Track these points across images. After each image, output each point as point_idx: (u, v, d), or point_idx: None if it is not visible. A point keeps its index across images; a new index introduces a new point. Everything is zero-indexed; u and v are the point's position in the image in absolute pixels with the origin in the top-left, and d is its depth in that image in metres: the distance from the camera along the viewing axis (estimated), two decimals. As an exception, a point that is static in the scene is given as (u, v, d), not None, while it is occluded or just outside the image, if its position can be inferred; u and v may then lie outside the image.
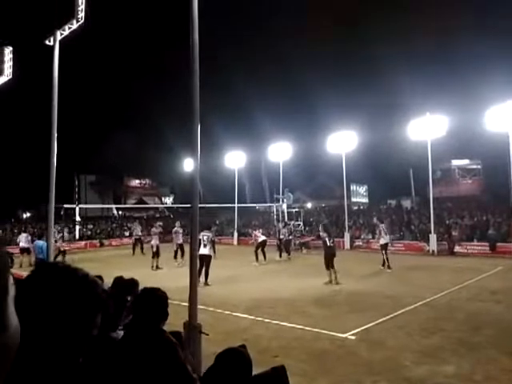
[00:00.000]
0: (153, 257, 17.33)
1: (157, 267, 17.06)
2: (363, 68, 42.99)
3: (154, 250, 17.43)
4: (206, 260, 12.41)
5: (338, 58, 44.37)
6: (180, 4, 6.49)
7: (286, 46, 46.03)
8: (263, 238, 19.51)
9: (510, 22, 30.61)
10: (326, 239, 12.92)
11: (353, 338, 7.36)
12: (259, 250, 18.73)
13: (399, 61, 34.44)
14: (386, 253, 15.69)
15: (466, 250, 20.91)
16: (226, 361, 2.08)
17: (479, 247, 20.69)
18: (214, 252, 12.70)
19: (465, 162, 38.60)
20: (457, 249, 21.17)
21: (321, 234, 13.35)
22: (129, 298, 4.32)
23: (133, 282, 4.82)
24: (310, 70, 44.72)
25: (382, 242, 15.98)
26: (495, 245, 20.08)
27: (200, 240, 12.17)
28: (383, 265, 15.58)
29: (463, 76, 31.78)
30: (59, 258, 19.00)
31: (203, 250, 12.34)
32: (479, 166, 37.82)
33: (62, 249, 20.49)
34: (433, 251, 21.38)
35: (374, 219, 18.64)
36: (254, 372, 2.11)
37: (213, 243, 12.56)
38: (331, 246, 12.88)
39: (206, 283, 12.41)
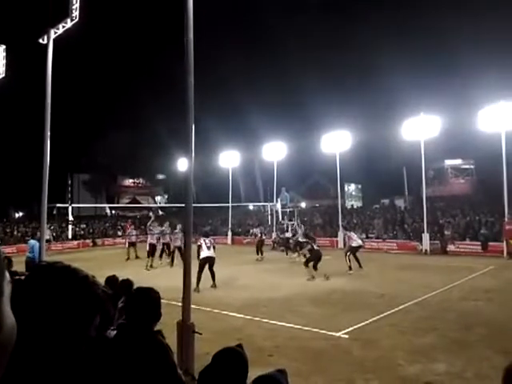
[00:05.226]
0: (148, 256, 17.33)
1: (151, 266, 17.04)
2: (357, 68, 43.06)
3: (148, 248, 17.47)
4: (212, 262, 12.26)
5: (333, 58, 44.41)
6: (175, 3, 6.49)
7: (280, 45, 46.05)
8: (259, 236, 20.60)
9: (503, 24, 30.82)
10: (312, 244, 14.17)
11: (346, 336, 7.39)
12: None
13: (393, 61, 34.49)
14: (354, 255, 15.22)
15: (458, 249, 21.06)
16: (223, 360, 2.08)
17: (471, 246, 20.84)
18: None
19: (458, 161, 38.80)
20: (449, 248, 21.32)
21: (302, 239, 15.20)
22: (122, 299, 4.33)
23: (128, 283, 4.84)
24: (305, 69, 44.74)
25: (355, 244, 15.42)
26: (487, 244, 20.24)
27: (202, 244, 12.24)
28: (360, 266, 15.12)
29: (456, 77, 31.98)
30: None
31: (208, 252, 12.16)
32: (472, 166, 38.04)
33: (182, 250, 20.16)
34: (426, 250, 21.52)
35: (341, 229, 18.40)
36: (250, 371, 2.11)
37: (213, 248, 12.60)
38: (317, 249, 14.11)
39: (214, 284, 12.27)
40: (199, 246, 12.28)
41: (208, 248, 12.25)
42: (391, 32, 38.28)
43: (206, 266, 12.16)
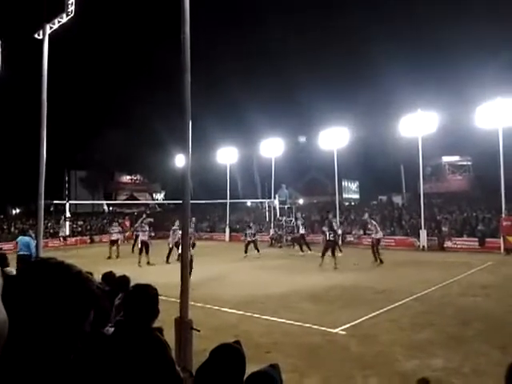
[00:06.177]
0: (140, 253, 17.35)
1: (148, 263, 17.04)
2: (355, 65, 43.03)
3: (139, 246, 17.58)
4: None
5: (330, 55, 44.34)
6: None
7: (277, 42, 45.97)
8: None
9: (500, 21, 30.84)
10: (326, 233, 15.12)
11: (343, 332, 7.40)
12: (252, 245, 19.47)
13: (391, 57, 34.50)
14: (378, 248, 15.96)
15: (455, 246, 21.12)
16: (221, 357, 2.07)
17: (469, 242, 20.90)
18: (192, 248, 12.15)
19: (455, 158, 38.82)
20: (447, 244, 21.37)
21: (323, 228, 15.83)
22: (119, 296, 4.31)
23: (125, 279, 4.82)
24: (303, 66, 44.66)
25: (379, 236, 16.43)
26: (484, 240, 20.29)
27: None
28: (376, 260, 15.75)
29: (454, 73, 32.00)
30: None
31: None
32: (469, 163, 38.07)
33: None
34: (423, 246, 21.58)
35: (366, 215, 18.83)
36: (246, 368, 2.10)
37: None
38: (330, 239, 14.97)
39: None
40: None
41: None
42: (389, 29, 38.27)
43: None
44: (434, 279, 12.13)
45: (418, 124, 22.45)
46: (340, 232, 20.37)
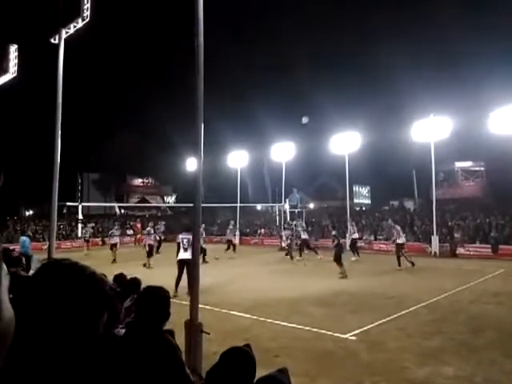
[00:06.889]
0: (148, 256, 17.69)
1: (148, 265, 17.25)
2: (367, 69, 42.92)
3: (147, 249, 17.90)
4: (188, 266, 10.21)
5: (341, 59, 44.32)
6: (185, 3, 6.50)
7: (288, 46, 45.98)
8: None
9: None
10: (339, 237, 14.84)
11: (354, 338, 7.35)
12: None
13: (403, 62, 34.36)
14: (403, 252, 16.20)
15: (468, 252, 20.85)
16: (231, 360, 2.07)
17: (481, 249, 20.62)
18: (204, 256, 11.08)
19: (468, 163, 38.43)
20: (459, 251, 21.12)
21: (333, 233, 15.69)
22: (130, 297, 4.35)
23: (136, 281, 4.86)
24: (313, 70, 44.68)
25: (401, 241, 16.49)
26: (497, 247, 20.02)
27: (180, 243, 11.18)
28: (399, 265, 15.91)
29: (467, 78, 31.70)
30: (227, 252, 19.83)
31: (184, 255, 10.63)
32: (482, 168, 37.64)
33: (233, 242, 21.02)
34: (435, 253, 21.35)
35: (389, 220, 18.96)
36: (256, 372, 2.11)
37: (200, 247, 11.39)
38: (341, 244, 14.81)
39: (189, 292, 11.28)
40: (178, 244, 11.24)
41: (185, 249, 10.75)
42: (402, 33, 38.08)
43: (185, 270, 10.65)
44: (445, 286, 11.99)
45: (430, 129, 22.28)
46: (357, 236, 20.45)
